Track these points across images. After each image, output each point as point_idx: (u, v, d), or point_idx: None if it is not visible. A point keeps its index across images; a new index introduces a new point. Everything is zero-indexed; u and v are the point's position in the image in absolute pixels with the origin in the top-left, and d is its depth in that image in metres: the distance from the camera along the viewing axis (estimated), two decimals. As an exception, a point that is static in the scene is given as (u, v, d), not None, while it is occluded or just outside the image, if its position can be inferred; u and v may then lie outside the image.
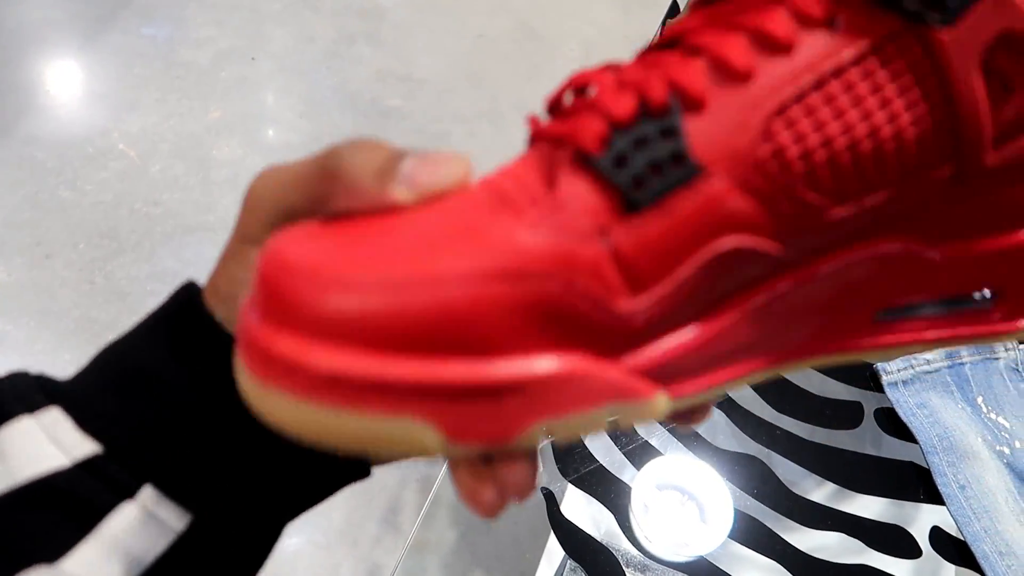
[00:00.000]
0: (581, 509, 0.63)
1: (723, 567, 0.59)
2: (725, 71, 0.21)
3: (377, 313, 0.19)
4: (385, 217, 0.21)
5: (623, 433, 0.64)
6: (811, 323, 0.24)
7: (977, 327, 0.25)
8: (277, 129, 1.70)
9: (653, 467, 0.62)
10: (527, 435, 0.20)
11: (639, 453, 0.63)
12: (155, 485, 0.24)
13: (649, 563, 0.60)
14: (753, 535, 0.60)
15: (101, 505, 0.23)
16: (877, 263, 0.23)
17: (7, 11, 1.80)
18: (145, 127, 1.64)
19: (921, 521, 0.63)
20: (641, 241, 0.20)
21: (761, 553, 0.60)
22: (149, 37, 1.81)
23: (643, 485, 0.61)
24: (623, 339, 0.21)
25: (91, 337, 1.35)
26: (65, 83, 1.71)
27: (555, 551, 0.62)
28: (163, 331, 0.25)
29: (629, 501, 0.61)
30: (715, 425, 0.66)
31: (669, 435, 0.65)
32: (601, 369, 0.21)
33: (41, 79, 1.70)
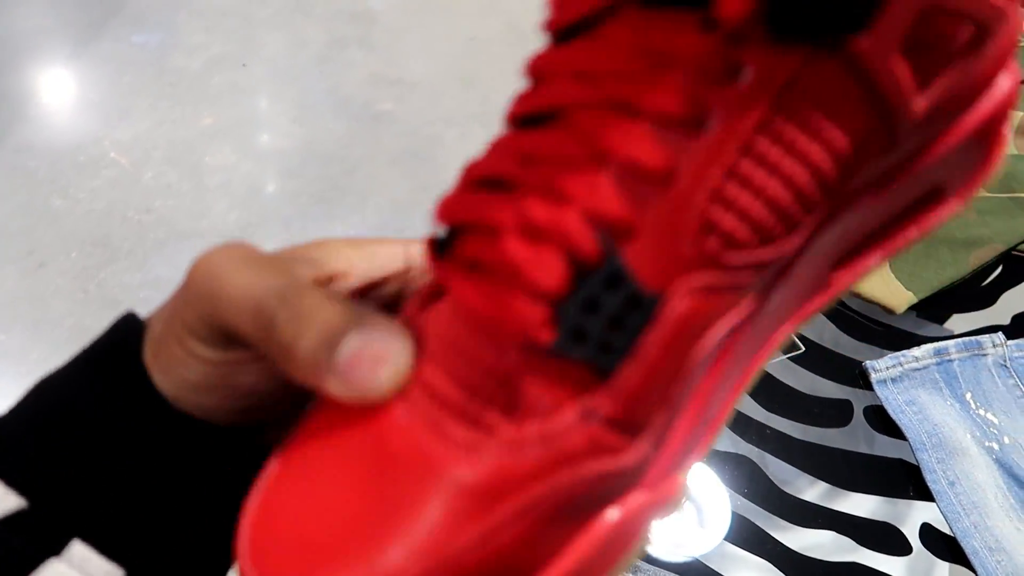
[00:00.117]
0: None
1: (715, 567, 0.59)
2: (643, 177, 0.18)
3: None
4: (335, 472, 0.20)
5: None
6: (779, 318, 0.23)
7: (919, 226, 0.24)
8: (270, 135, 1.70)
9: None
10: None
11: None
12: (84, 540, 0.22)
13: (640, 563, 0.60)
14: (745, 535, 0.60)
15: (26, 563, 0.22)
16: (828, 237, 0.22)
17: (-2, 20, 1.80)
18: (137, 134, 1.64)
19: (912, 518, 0.63)
20: (626, 396, 0.19)
21: (753, 553, 0.60)
22: (140, 44, 1.81)
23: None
24: (639, 472, 0.20)
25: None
26: (56, 91, 1.71)
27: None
28: (96, 373, 0.24)
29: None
30: (706, 425, 0.66)
31: (660, 436, 0.65)
32: (632, 504, 0.20)
33: (32, 88, 1.70)
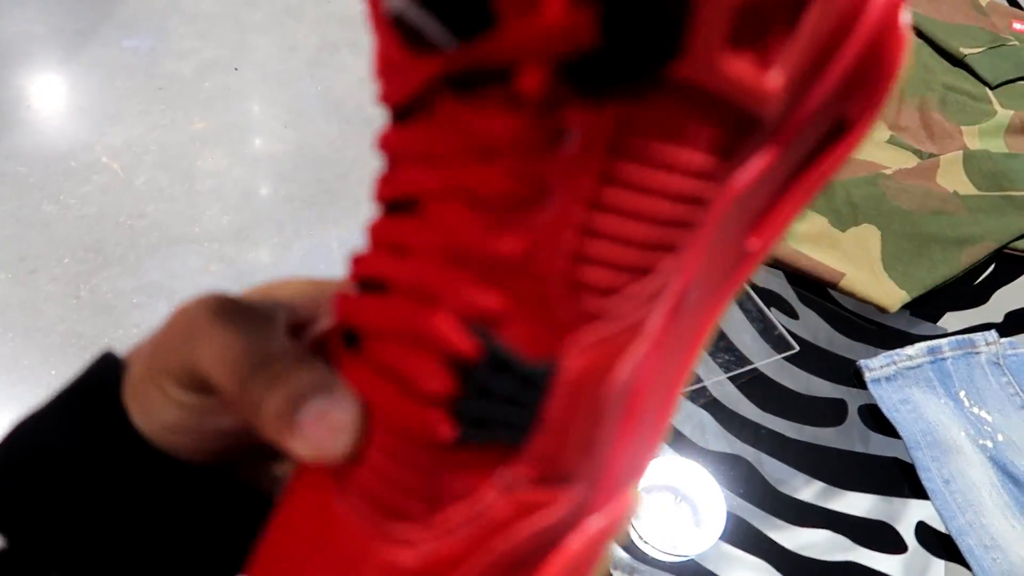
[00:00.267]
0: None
1: (711, 567, 0.59)
2: (500, 265, 0.18)
3: None
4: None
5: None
6: (699, 309, 0.23)
7: (831, 163, 0.22)
8: (262, 139, 1.69)
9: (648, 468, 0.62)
10: None
11: (626, 455, 0.63)
12: None
13: (637, 565, 0.60)
14: (741, 535, 0.60)
15: None
16: (732, 219, 0.21)
17: (-13, 26, 1.79)
18: (128, 139, 1.64)
19: (907, 516, 0.63)
20: (544, 459, 0.19)
21: (749, 552, 0.60)
22: (131, 49, 1.81)
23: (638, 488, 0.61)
24: (580, 509, 0.21)
25: (77, 352, 1.34)
26: (47, 97, 1.70)
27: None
28: (74, 414, 0.25)
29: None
30: (701, 426, 0.66)
31: (656, 437, 0.65)
32: (585, 532, 0.20)
33: (22, 93, 1.70)
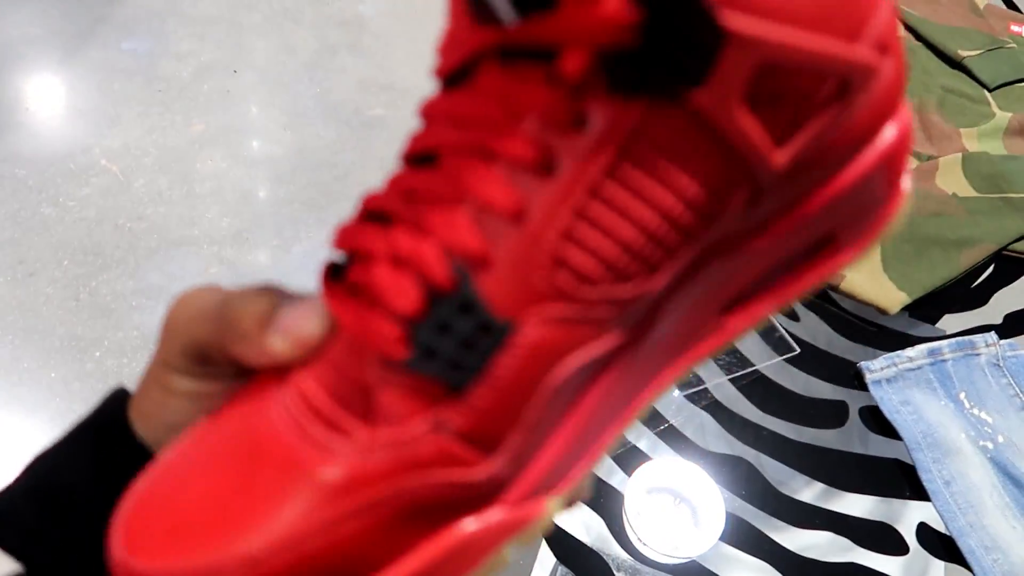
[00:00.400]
0: (571, 515, 0.63)
1: (713, 568, 0.59)
2: (496, 215, 0.20)
3: None
4: (210, 463, 0.21)
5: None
6: (666, 355, 0.24)
7: (814, 274, 0.24)
8: (260, 141, 1.69)
9: (646, 471, 0.62)
10: None
11: (627, 457, 0.64)
12: None
13: (640, 567, 0.60)
14: (742, 536, 0.61)
15: None
16: (709, 279, 0.23)
17: (-15, 28, 1.79)
18: (127, 142, 1.64)
19: (908, 518, 0.63)
20: (478, 413, 0.20)
21: (750, 554, 0.60)
22: (129, 52, 1.80)
23: (635, 489, 0.61)
24: (496, 487, 0.21)
25: (77, 354, 1.34)
26: (45, 100, 1.70)
27: (547, 557, 0.62)
28: (88, 444, 0.26)
29: (619, 505, 0.61)
30: (702, 427, 0.66)
31: (657, 439, 0.65)
32: (487, 519, 0.21)
33: (21, 96, 1.69)
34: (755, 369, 0.69)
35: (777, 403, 0.67)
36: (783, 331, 0.70)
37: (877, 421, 0.67)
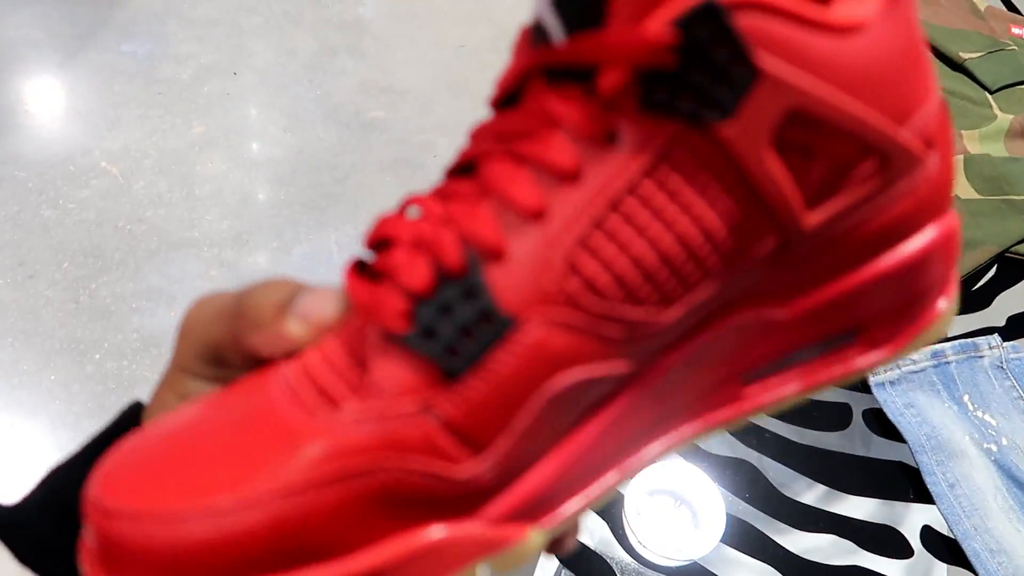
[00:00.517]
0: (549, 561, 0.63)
1: (716, 571, 0.59)
2: (517, 212, 0.20)
3: (203, 543, 0.19)
4: (200, 426, 0.21)
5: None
6: (677, 410, 0.24)
7: (841, 366, 0.24)
8: (260, 143, 1.69)
9: (645, 472, 0.62)
10: None
11: (630, 460, 0.63)
12: None
13: (643, 570, 0.60)
14: (745, 538, 0.60)
15: None
16: (729, 336, 0.23)
17: (-15, 30, 1.79)
18: (127, 144, 1.64)
19: (912, 521, 0.63)
20: (468, 405, 0.20)
21: (753, 556, 0.60)
22: (129, 54, 1.80)
23: (636, 491, 0.61)
24: (478, 496, 0.21)
25: (77, 356, 1.33)
26: (45, 102, 1.70)
27: (549, 561, 0.62)
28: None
29: (622, 508, 0.61)
30: (705, 430, 0.66)
31: (660, 441, 0.65)
32: (460, 531, 0.21)
33: (20, 98, 1.69)
34: (758, 371, 0.68)
35: (780, 405, 0.67)
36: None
37: (881, 423, 0.67)
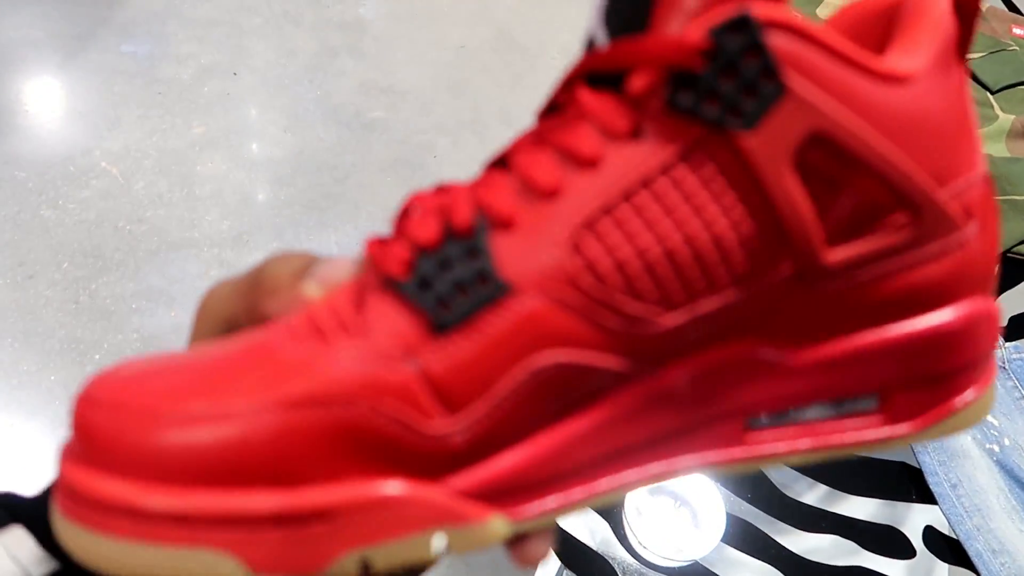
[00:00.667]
0: (576, 518, 0.63)
1: (717, 571, 0.59)
2: (532, 189, 0.21)
3: (174, 447, 0.19)
4: (200, 352, 0.22)
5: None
6: (672, 435, 0.23)
7: (858, 433, 0.24)
8: (261, 143, 1.69)
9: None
10: (338, 564, 0.20)
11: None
12: None
13: (645, 570, 0.60)
14: (747, 539, 0.60)
15: None
16: (735, 370, 0.23)
17: (-15, 31, 1.79)
18: (127, 144, 1.63)
19: (914, 521, 0.63)
20: (451, 361, 0.20)
21: (755, 556, 0.60)
22: (129, 54, 1.80)
23: (637, 491, 0.61)
24: (446, 460, 0.21)
25: (77, 357, 1.33)
26: (45, 102, 1.70)
27: (551, 561, 0.62)
28: None
29: (623, 508, 0.61)
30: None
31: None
32: (420, 492, 0.21)
33: (20, 98, 1.69)
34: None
35: (782, 405, 0.67)
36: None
37: (882, 424, 0.67)
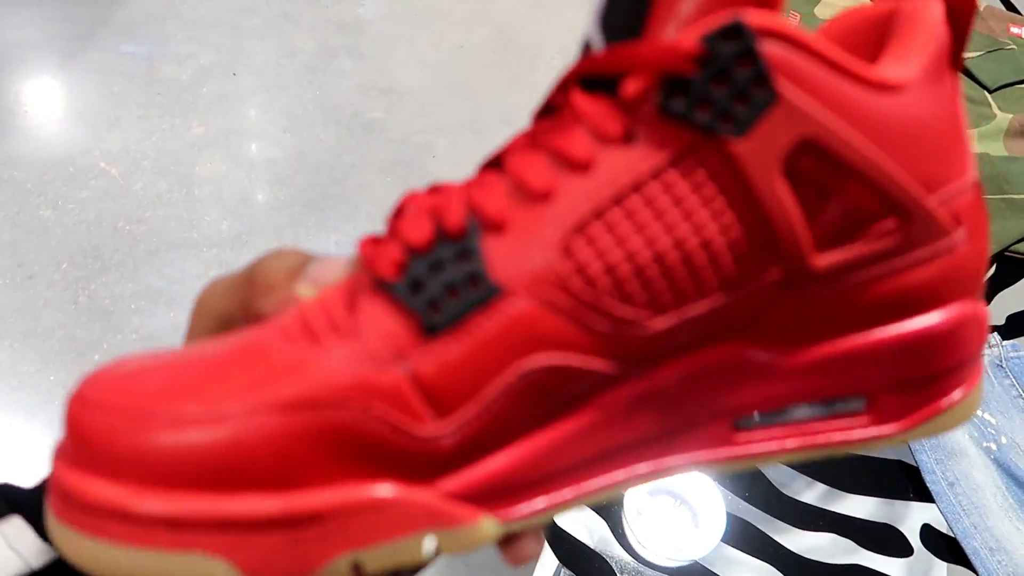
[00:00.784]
0: (574, 517, 0.63)
1: (716, 571, 0.59)
2: (525, 192, 0.21)
3: (166, 449, 0.19)
4: (193, 351, 0.22)
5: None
6: (661, 435, 0.23)
7: (845, 433, 0.24)
8: (260, 144, 1.69)
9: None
10: (330, 567, 0.20)
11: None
12: None
13: (643, 569, 0.60)
14: (745, 538, 0.60)
15: None
16: (724, 372, 0.23)
17: (-16, 31, 1.79)
18: (126, 145, 1.64)
19: (912, 519, 0.63)
20: (441, 364, 0.20)
21: (753, 556, 0.60)
22: (128, 55, 1.80)
23: (636, 491, 0.61)
24: (436, 463, 0.21)
25: (76, 357, 1.33)
26: (44, 103, 1.70)
27: (549, 560, 0.62)
28: None
29: (622, 508, 0.61)
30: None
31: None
32: (410, 494, 0.21)
33: (20, 99, 1.69)
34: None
35: (780, 404, 0.67)
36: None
37: (880, 422, 0.67)
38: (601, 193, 0.21)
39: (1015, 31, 1.03)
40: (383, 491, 0.20)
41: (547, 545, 0.61)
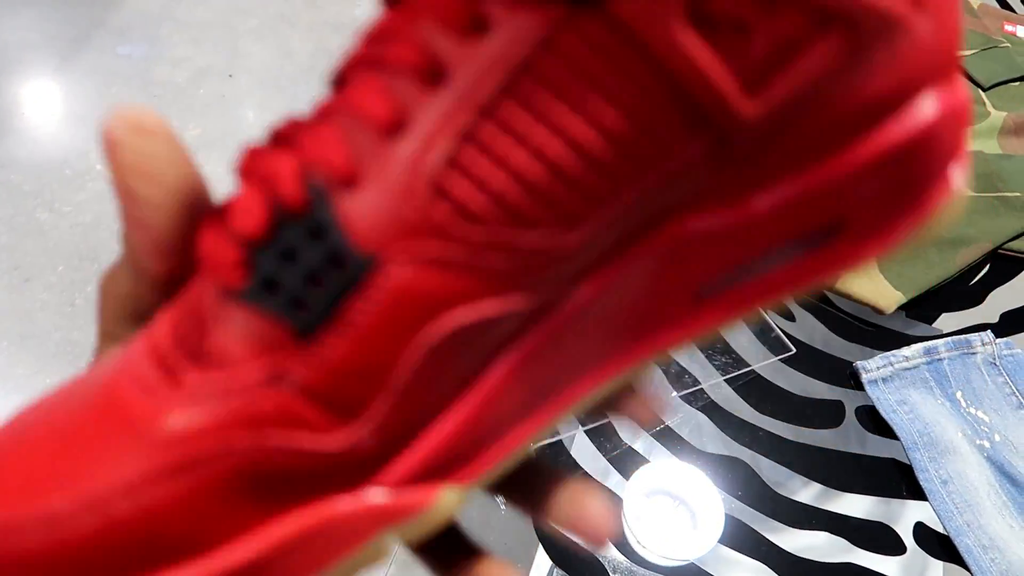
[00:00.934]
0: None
1: (710, 570, 0.59)
2: (369, 129, 0.17)
3: (42, 553, 0.17)
4: (48, 417, 0.19)
5: (607, 439, 0.64)
6: (613, 341, 0.20)
7: (820, 264, 0.20)
8: (256, 145, 1.69)
9: (644, 474, 0.62)
10: None
11: (623, 459, 0.63)
12: None
13: (636, 568, 0.60)
14: (739, 537, 0.60)
15: None
16: (669, 255, 0.19)
17: (-19, 34, 1.79)
18: (123, 147, 1.63)
19: (905, 517, 0.63)
20: (328, 367, 0.17)
21: (748, 555, 0.60)
22: (125, 57, 1.80)
23: (635, 492, 0.61)
24: (365, 465, 0.18)
25: (73, 360, 1.33)
26: (41, 105, 1.70)
27: (543, 561, 0.62)
28: None
29: (619, 508, 0.61)
30: (698, 428, 0.66)
31: (653, 440, 0.65)
32: (354, 503, 0.18)
33: (17, 101, 1.69)
34: (751, 369, 0.68)
35: (773, 403, 0.67)
36: (779, 331, 0.69)
37: (874, 421, 0.67)
38: (465, 108, 0.16)
39: (1009, 29, 1.03)
40: (321, 512, 0.18)
41: (540, 546, 0.61)
